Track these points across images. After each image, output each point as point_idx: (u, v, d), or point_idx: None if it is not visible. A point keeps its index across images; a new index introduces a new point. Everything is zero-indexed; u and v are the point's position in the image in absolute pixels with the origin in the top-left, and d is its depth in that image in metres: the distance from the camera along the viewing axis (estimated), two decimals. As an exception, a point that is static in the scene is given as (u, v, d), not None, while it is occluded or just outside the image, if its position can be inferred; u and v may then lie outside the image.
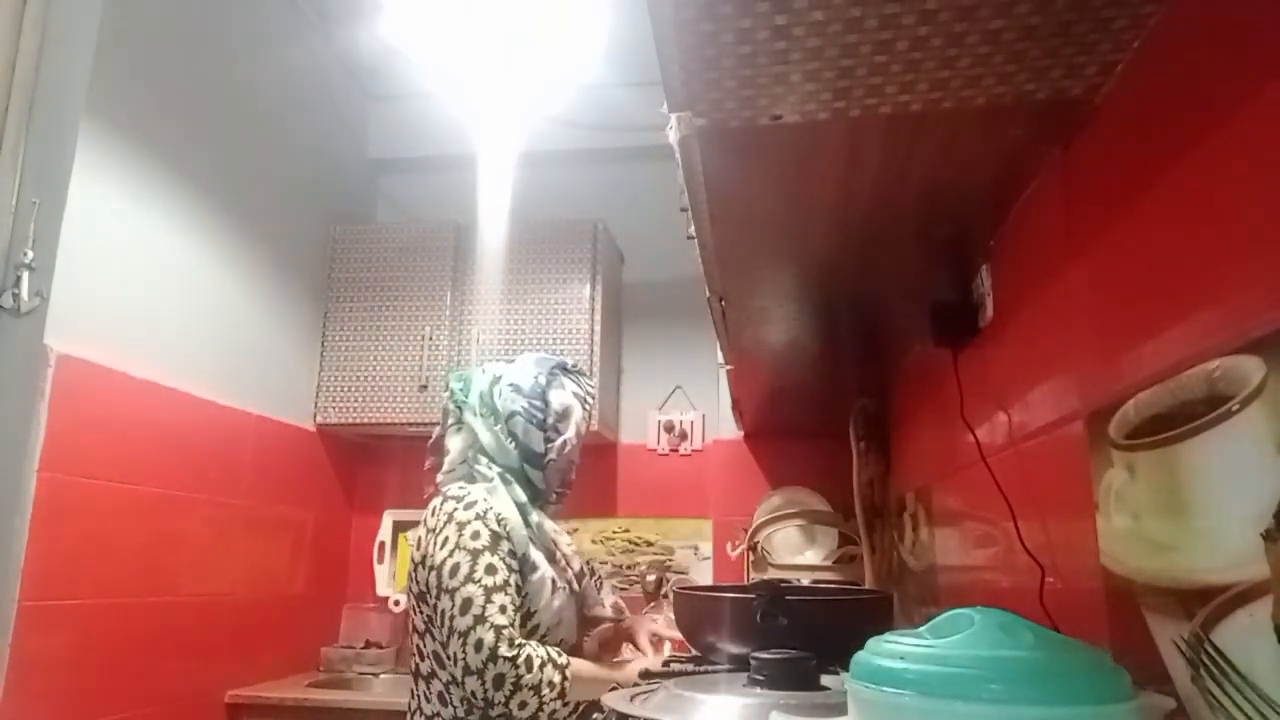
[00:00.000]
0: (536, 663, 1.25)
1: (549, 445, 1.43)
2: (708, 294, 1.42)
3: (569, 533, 1.58)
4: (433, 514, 1.36)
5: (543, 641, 1.34)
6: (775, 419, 2.55)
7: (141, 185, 2.08)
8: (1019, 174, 0.99)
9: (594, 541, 2.90)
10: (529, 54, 2.86)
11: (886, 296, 1.46)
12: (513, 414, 1.42)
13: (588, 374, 1.57)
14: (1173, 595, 0.68)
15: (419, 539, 1.37)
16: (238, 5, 2.49)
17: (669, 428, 2.99)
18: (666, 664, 1.40)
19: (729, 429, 2.75)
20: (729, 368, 1.95)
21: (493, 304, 2.79)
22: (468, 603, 1.26)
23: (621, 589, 2.77)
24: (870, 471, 2.25)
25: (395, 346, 2.82)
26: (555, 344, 2.71)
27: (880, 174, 0.97)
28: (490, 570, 1.29)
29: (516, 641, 1.25)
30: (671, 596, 1.67)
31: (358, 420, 2.79)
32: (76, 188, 1.86)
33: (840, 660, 0.72)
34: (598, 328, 2.75)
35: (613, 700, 0.86)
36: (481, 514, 1.33)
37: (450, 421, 1.48)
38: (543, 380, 1.46)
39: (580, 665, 1.33)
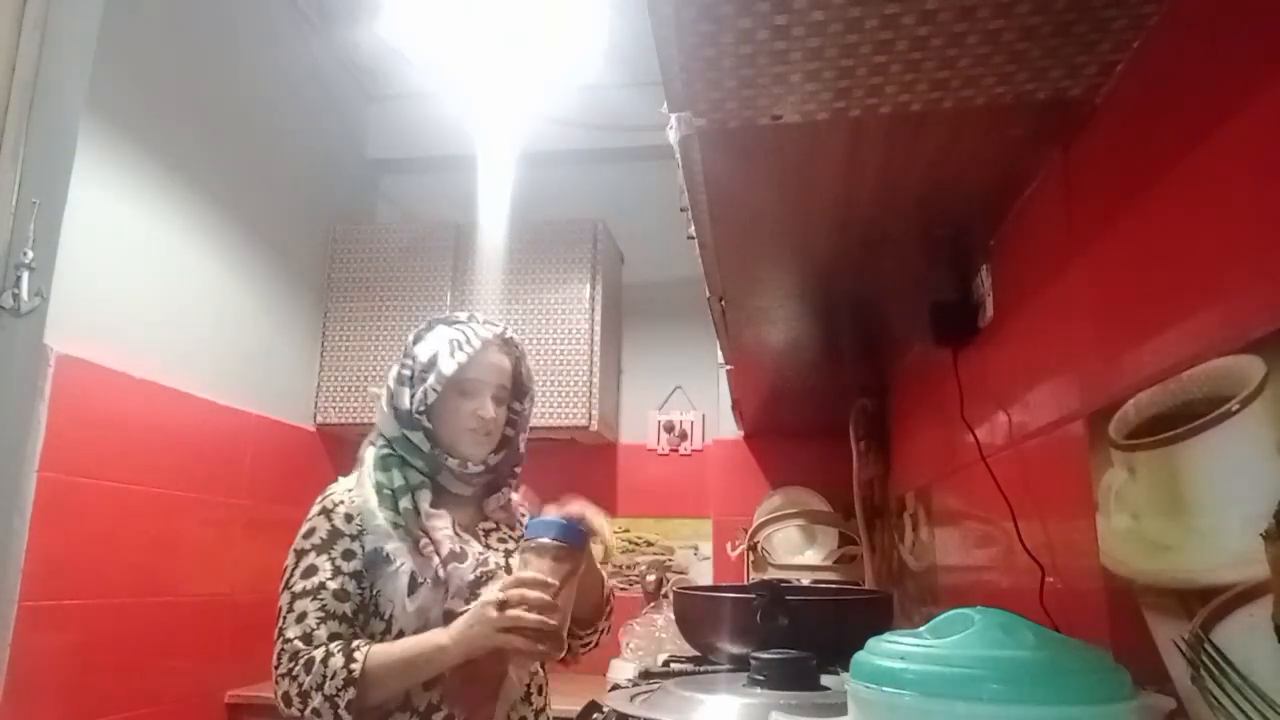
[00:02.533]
0: (318, 658, 1.12)
1: (413, 399, 1.28)
2: (708, 294, 1.42)
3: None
4: None
5: None
6: (775, 419, 2.55)
7: (141, 185, 2.08)
8: (1019, 174, 0.99)
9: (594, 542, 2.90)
10: (529, 54, 2.85)
11: (886, 296, 1.46)
12: (394, 379, 1.32)
13: (496, 324, 1.37)
14: (1173, 595, 0.68)
15: None
16: (237, 5, 2.49)
17: (669, 428, 2.99)
18: (666, 664, 1.39)
19: (729, 429, 2.75)
20: (729, 368, 1.95)
21: (493, 304, 2.78)
22: (277, 612, 1.18)
23: (622, 589, 2.77)
24: (870, 471, 2.25)
25: (395, 346, 2.79)
26: (555, 344, 2.71)
27: (880, 174, 0.97)
28: (308, 572, 1.18)
29: (300, 652, 1.13)
30: (671, 596, 1.67)
31: (358, 420, 2.79)
32: (76, 188, 1.86)
33: (840, 660, 0.72)
34: (598, 328, 2.75)
35: (613, 700, 0.86)
36: (330, 508, 1.23)
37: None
38: (412, 336, 1.35)
39: (387, 646, 1.16)
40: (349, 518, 1.22)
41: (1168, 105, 0.71)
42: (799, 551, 2.44)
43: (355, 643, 1.14)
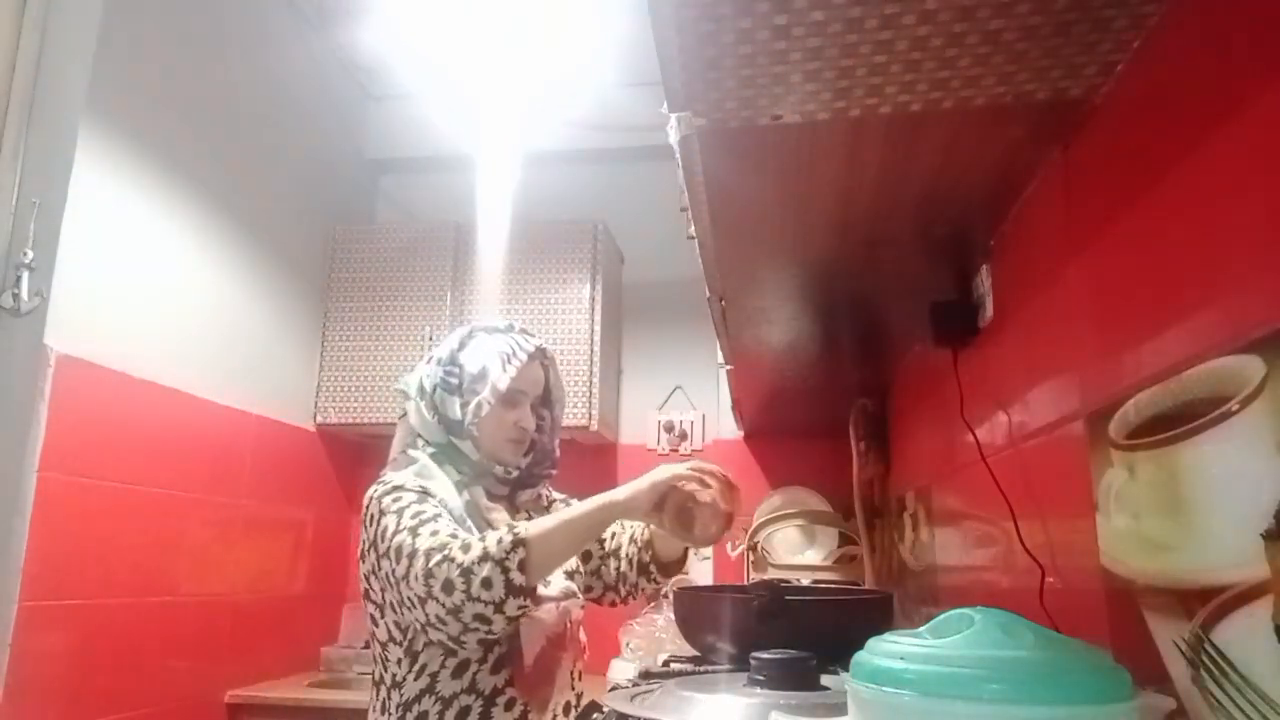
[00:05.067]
0: (472, 539, 1.12)
1: (464, 409, 1.31)
2: (708, 294, 1.42)
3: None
4: (364, 508, 1.28)
5: None
6: (775, 419, 2.55)
7: (141, 185, 2.08)
8: (1019, 174, 0.99)
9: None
10: (529, 54, 2.86)
11: (886, 296, 1.46)
12: (435, 387, 1.34)
13: (532, 334, 1.41)
14: (1173, 595, 0.68)
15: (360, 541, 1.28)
16: (237, 5, 2.49)
17: (669, 428, 2.99)
18: (666, 664, 1.39)
19: (729, 429, 2.75)
20: (729, 368, 1.95)
21: (493, 304, 2.78)
22: (399, 549, 1.15)
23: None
24: (870, 471, 2.25)
25: (395, 346, 2.81)
26: (555, 344, 2.71)
27: (880, 174, 0.97)
28: (416, 515, 1.18)
29: (446, 544, 1.12)
30: (671, 596, 1.67)
31: (358, 420, 2.79)
32: (76, 187, 1.86)
33: (840, 660, 0.72)
34: (598, 328, 2.75)
35: (613, 700, 0.86)
36: (402, 484, 1.24)
37: (398, 416, 1.41)
38: (455, 344, 1.37)
39: (542, 519, 1.18)
40: (424, 494, 1.24)
41: (1168, 105, 0.71)
42: (799, 551, 2.45)
43: (510, 522, 1.15)
